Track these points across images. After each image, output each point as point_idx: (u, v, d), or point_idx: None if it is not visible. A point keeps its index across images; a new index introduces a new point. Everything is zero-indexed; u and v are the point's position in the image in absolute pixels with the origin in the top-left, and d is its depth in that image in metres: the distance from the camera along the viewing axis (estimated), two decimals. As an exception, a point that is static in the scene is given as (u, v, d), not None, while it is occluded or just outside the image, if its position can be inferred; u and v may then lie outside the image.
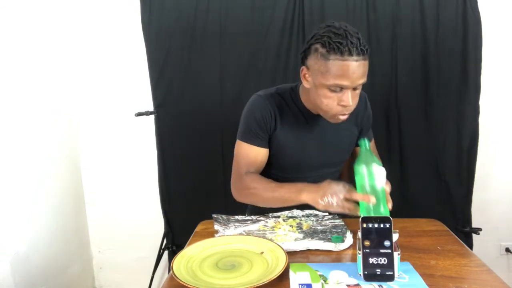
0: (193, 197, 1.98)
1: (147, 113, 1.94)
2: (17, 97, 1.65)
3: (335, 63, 0.99)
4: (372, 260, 0.81)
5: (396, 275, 0.81)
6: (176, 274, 0.82)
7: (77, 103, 2.03)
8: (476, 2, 1.78)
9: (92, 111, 2.05)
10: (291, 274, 0.84)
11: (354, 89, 1.04)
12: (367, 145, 0.97)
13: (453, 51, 1.82)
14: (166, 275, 1.63)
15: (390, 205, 0.93)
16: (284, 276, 0.83)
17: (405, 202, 1.91)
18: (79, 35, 1.97)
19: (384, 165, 0.94)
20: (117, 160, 2.08)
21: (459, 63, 1.83)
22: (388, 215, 0.90)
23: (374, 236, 0.82)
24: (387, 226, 0.82)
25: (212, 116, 1.91)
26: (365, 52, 1.00)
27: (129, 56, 1.97)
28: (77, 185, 2.09)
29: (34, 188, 1.73)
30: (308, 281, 0.81)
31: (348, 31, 0.99)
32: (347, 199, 0.96)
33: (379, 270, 0.81)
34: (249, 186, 1.15)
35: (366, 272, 0.81)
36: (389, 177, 0.96)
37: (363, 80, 1.03)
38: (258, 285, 0.78)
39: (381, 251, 0.81)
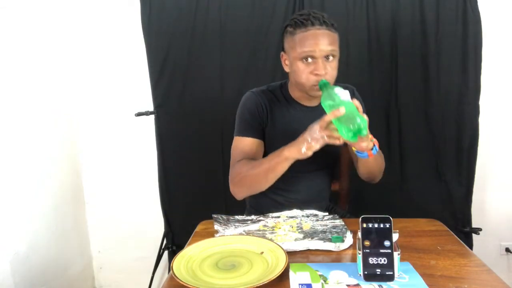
0: (193, 197, 1.98)
1: (147, 113, 1.94)
2: (17, 97, 1.65)
3: (300, 35, 1.11)
4: (372, 260, 0.81)
5: (396, 275, 0.81)
6: (176, 274, 0.82)
7: (77, 103, 2.03)
8: (476, 2, 1.78)
9: (92, 111, 2.05)
10: (291, 274, 0.84)
11: (327, 59, 1.11)
12: (325, 82, 1.06)
13: (453, 51, 1.82)
14: (166, 275, 1.63)
15: (365, 117, 0.95)
16: (284, 276, 0.83)
17: (405, 202, 1.91)
18: (79, 35, 1.97)
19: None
20: (117, 160, 2.08)
21: (459, 63, 1.83)
22: (366, 124, 0.94)
23: (374, 236, 0.82)
24: (387, 226, 0.82)
25: (212, 116, 1.91)
26: (329, 24, 1.11)
27: (129, 56, 1.97)
28: (77, 185, 2.09)
29: (34, 188, 1.74)
30: (308, 281, 0.81)
31: (313, 11, 1.13)
32: (323, 129, 0.98)
33: (379, 270, 0.81)
34: (240, 171, 1.17)
35: (366, 272, 0.81)
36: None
37: (331, 48, 1.10)
38: (258, 285, 0.78)
39: (381, 251, 0.81)
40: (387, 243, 0.81)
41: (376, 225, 0.82)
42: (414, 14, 1.82)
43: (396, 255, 0.81)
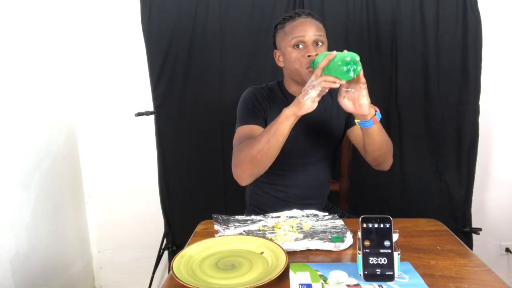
0: (193, 197, 1.98)
1: (147, 113, 1.94)
2: (17, 97, 1.65)
3: (289, 26, 1.21)
4: (372, 260, 0.81)
5: (396, 275, 0.81)
6: (176, 274, 0.82)
7: (77, 103, 2.03)
8: (476, 2, 1.78)
9: (92, 111, 2.05)
10: (291, 274, 0.84)
11: (316, 45, 1.18)
12: (317, 61, 1.07)
13: (453, 51, 1.82)
14: (166, 275, 1.63)
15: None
16: (284, 276, 0.83)
17: (405, 202, 1.91)
18: (79, 35, 1.97)
19: None
20: (117, 160, 2.08)
21: (459, 63, 1.83)
22: (358, 57, 0.97)
23: (374, 236, 0.82)
24: (387, 226, 0.82)
25: (212, 116, 1.91)
26: (315, 16, 1.22)
27: (129, 56, 1.97)
28: (77, 185, 2.09)
29: (34, 188, 1.73)
30: (308, 281, 0.81)
31: (300, 9, 1.26)
32: (319, 77, 1.00)
33: (379, 270, 0.81)
34: (242, 149, 1.13)
35: (366, 272, 0.81)
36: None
37: (319, 33, 1.19)
38: (258, 285, 0.78)
39: (381, 251, 0.81)
40: (387, 243, 0.81)
41: (376, 225, 0.82)
42: (414, 14, 1.82)
43: (396, 255, 0.81)
